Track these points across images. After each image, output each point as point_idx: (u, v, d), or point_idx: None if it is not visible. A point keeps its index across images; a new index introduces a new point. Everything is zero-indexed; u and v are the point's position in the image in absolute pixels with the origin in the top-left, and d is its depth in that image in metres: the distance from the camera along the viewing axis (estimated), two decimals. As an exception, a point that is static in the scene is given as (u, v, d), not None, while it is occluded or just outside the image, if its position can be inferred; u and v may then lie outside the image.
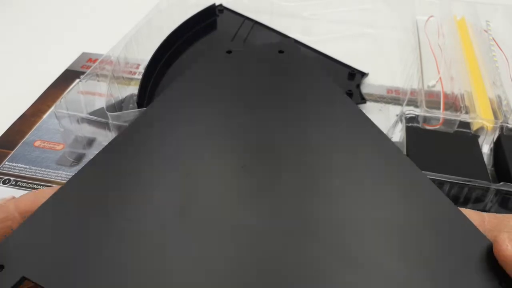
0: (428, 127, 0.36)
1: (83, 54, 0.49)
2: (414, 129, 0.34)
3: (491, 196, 0.30)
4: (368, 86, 0.43)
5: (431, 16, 0.50)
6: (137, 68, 0.46)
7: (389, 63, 0.47)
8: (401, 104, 0.41)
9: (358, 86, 0.42)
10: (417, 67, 0.42)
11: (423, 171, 0.24)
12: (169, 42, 0.46)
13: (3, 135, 0.38)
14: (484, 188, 0.30)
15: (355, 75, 0.43)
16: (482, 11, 0.51)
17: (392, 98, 0.42)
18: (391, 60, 0.47)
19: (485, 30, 0.49)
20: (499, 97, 0.39)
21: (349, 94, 0.40)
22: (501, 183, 0.30)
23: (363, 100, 0.41)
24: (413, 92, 0.40)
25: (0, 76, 0.47)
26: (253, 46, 0.31)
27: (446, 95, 0.40)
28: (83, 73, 0.46)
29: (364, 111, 0.40)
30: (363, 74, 0.44)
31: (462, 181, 0.30)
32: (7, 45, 0.52)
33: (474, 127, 0.36)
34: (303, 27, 0.52)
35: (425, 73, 0.41)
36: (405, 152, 0.32)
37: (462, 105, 0.38)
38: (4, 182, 0.33)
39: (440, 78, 0.42)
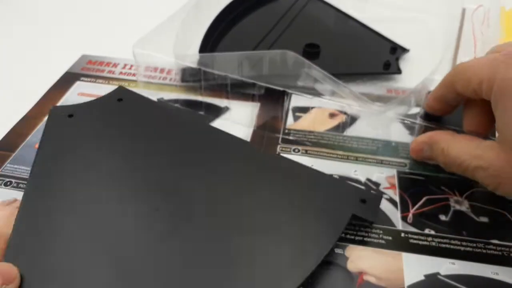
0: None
1: (83, 56, 0.49)
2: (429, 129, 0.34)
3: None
4: (368, 86, 0.44)
5: (480, 6, 0.50)
6: (130, 68, 0.46)
7: (431, 45, 0.48)
8: (404, 104, 0.40)
9: (397, 59, 0.46)
10: (452, 53, 0.43)
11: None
12: (231, 7, 0.50)
13: (4, 137, 0.38)
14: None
15: (396, 49, 0.48)
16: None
17: (391, 98, 0.42)
18: (434, 43, 0.48)
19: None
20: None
21: (387, 64, 0.45)
22: None
23: (398, 70, 0.45)
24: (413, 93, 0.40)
25: (1, 78, 0.47)
26: (90, 102, 0.38)
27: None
28: (83, 75, 0.46)
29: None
30: (404, 50, 0.48)
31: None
32: (7, 48, 0.52)
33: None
34: (355, 6, 0.54)
35: (458, 60, 0.42)
36: None
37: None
38: (5, 184, 0.33)
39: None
